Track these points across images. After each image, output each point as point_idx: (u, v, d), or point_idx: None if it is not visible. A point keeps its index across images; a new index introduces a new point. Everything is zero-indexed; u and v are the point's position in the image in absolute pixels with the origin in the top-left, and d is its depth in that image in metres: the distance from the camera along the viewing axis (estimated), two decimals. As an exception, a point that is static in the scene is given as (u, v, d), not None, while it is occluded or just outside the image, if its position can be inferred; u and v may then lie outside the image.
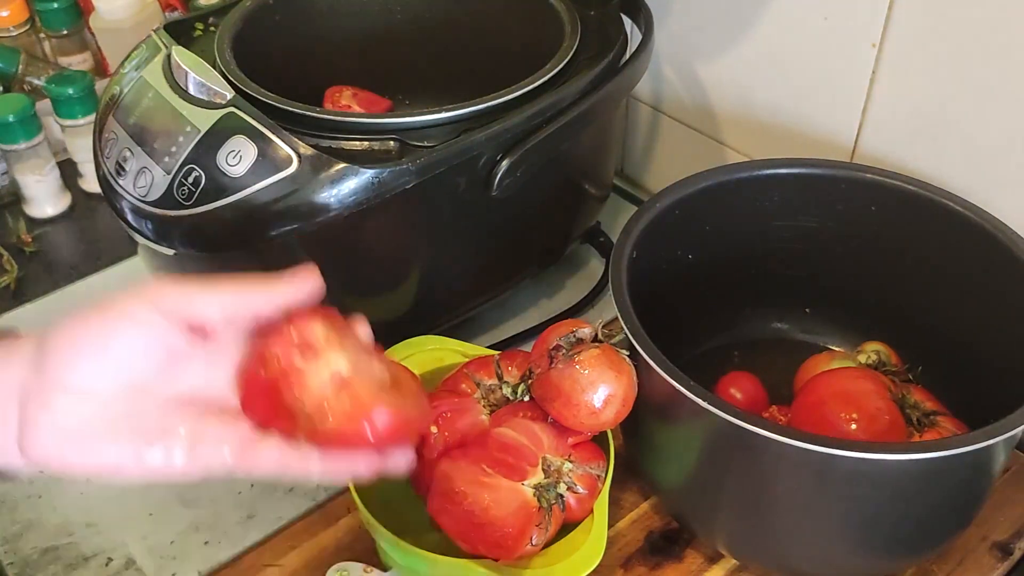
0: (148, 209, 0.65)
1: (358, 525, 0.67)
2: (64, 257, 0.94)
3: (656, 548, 0.66)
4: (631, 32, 0.79)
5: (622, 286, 0.60)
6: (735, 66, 0.84)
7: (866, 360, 0.68)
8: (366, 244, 0.68)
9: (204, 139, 0.64)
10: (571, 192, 0.80)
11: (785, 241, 0.72)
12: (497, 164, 0.66)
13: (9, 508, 0.69)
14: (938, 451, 0.51)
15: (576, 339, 0.61)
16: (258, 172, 0.62)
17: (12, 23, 1.07)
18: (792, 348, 0.75)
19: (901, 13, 0.69)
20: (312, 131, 0.65)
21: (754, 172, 0.70)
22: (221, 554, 0.66)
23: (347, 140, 0.65)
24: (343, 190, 0.62)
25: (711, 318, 0.75)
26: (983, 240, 0.63)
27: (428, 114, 0.66)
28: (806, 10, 0.76)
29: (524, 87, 0.68)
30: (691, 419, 0.57)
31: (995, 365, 0.63)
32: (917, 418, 0.61)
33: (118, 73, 0.73)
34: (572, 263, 0.89)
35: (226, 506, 0.69)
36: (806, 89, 0.79)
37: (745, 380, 0.70)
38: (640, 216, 0.65)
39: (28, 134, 0.94)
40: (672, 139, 0.95)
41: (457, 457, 0.59)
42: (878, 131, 0.75)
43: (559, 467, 0.59)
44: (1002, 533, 0.66)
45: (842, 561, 0.60)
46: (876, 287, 0.72)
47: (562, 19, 0.76)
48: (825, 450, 0.50)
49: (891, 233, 0.69)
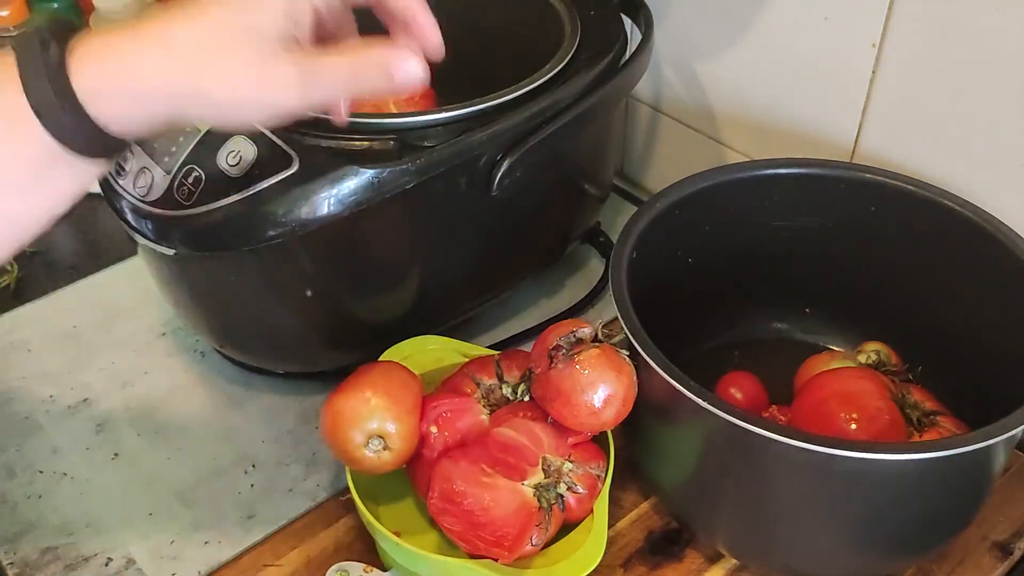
0: (148, 209, 0.65)
1: (358, 525, 0.67)
2: (64, 257, 0.94)
3: (656, 548, 0.66)
4: (631, 32, 0.79)
5: (622, 286, 0.60)
6: (735, 66, 0.84)
7: (866, 360, 0.68)
8: (366, 244, 0.68)
9: (204, 139, 0.64)
10: (571, 192, 0.80)
11: (785, 241, 0.72)
12: (497, 164, 0.66)
13: (9, 508, 0.69)
14: (938, 451, 0.51)
15: (576, 339, 0.61)
16: (258, 172, 0.62)
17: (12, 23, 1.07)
18: (792, 348, 0.75)
19: (901, 13, 0.69)
20: (312, 131, 0.65)
21: (754, 172, 0.70)
22: (221, 554, 0.66)
23: (347, 140, 0.65)
24: (343, 190, 0.62)
25: (711, 318, 0.75)
26: (983, 240, 0.63)
27: (428, 114, 0.66)
28: (806, 10, 0.76)
29: (524, 87, 0.68)
30: (691, 419, 0.57)
31: (995, 365, 0.63)
32: (917, 418, 0.61)
33: (118, 73, 0.72)
34: (572, 263, 0.89)
35: (226, 506, 0.69)
36: (806, 89, 0.79)
37: (745, 380, 0.70)
38: (640, 216, 0.65)
39: (28, 134, 0.94)
40: (672, 139, 0.95)
41: (457, 457, 0.59)
42: (878, 131, 0.75)
43: (559, 467, 0.59)
44: (1002, 533, 0.66)
45: (842, 561, 0.60)
46: (876, 287, 0.72)
47: (562, 19, 0.76)
48: (825, 450, 0.50)
49: (891, 233, 0.69)
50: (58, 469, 0.72)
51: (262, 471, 0.72)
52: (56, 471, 0.72)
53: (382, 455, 0.59)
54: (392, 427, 0.59)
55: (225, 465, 0.72)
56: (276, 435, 0.74)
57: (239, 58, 0.46)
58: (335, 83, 0.48)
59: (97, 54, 0.46)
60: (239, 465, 0.72)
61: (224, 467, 0.72)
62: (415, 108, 0.79)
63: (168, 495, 0.70)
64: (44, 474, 0.72)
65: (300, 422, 0.75)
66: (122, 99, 0.46)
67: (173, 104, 0.47)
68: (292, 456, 0.73)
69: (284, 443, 0.74)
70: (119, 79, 0.46)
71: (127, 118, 0.46)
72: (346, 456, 0.60)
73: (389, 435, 0.59)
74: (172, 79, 0.46)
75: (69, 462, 0.72)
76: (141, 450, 0.73)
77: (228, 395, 0.77)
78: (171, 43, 0.46)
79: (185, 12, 0.47)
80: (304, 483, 0.71)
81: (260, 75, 0.46)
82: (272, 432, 0.75)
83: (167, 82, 0.46)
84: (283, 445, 0.74)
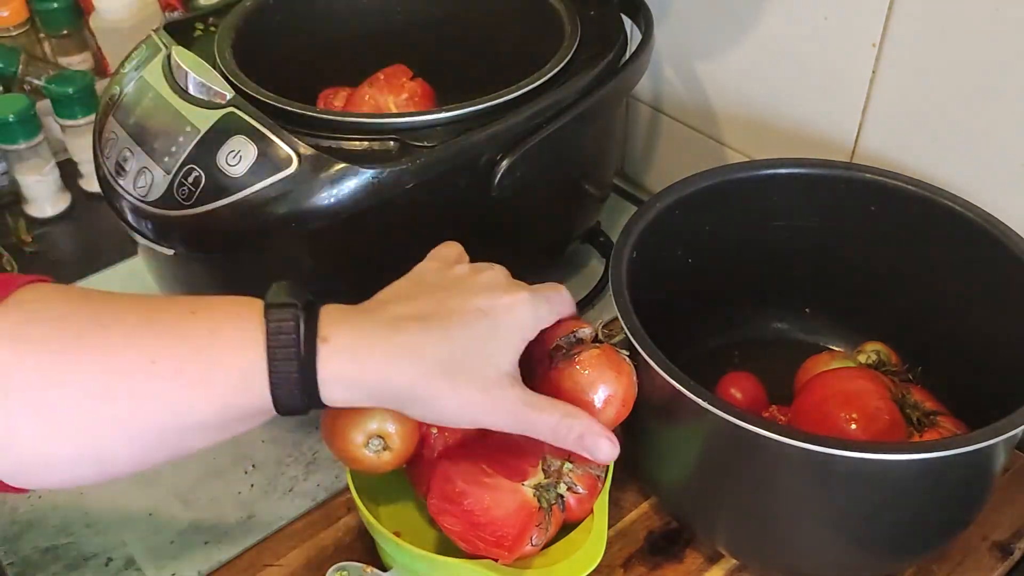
0: (148, 209, 0.65)
1: (358, 525, 0.68)
2: (64, 257, 0.94)
3: (656, 548, 0.66)
4: (631, 32, 0.79)
5: (622, 286, 0.60)
6: (735, 66, 0.84)
7: (866, 360, 0.68)
8: (366, 244, 0.68)
9: (204, 139, 0.64)
10: (571, 192, 0.80)
11: (785, 241, 0.72)
12: (497, 164, 0.66)
13: (9, 508, 0.69)
14: (938, 451, 0.51)
15: (576, 339, 0.61)
16: (258, 172, 0.62)
17: (12, 23, 1.07)
18: (792, 348, 0.75)
19: (901, 13, 0.69)
20: (312, 131, 0.65)
21: (754, 172, 0.70)
22: (221, 554, 0.66)
23: (347, 140, 0.65)
24: (343, 190, 0.62)
25: (711, 318, 0.75)
26: (983, 240, 0.63)
27: (428, 114, 0.66)
28: (806, 10, 0.76)
29: (524, 87, 0.68)
30: (691, 419, 0.57)
31: (995, 365, 0.63)
32: (917, 418, 0.61)
33: (118, 73, 0.73)
34: (572, 263, 0.89)
35: (226, 506, 0.69)
36: (806, 89, 0.79)
37: (745, 380, 0.70)
38: (640, 216, 0.65)
39: (28, 134, 0.94)
40: (672, 139, 0.95)
41: (457, 457, 0.59)
42: (878, 131, 0.75)
43: (559, 467, 0.59)
44: (1002, 533, 0.66)
45: (842, 561, 0.60)
46: (876, 287, 0.72)
47: (562, 19, 0.76)
48: (825, 450, 0.50)
49: (891, 233, 0.69)
50: (58, 469, 0.72)
51: (262, 471, 0.72)
52: (56, 471, 0.72)
53: (382, 455, 0.59)
54: (392, 427, 0.59)
55: (225, 465, 0.72)
56: (276, 435, 0.74)
57: (476, 383, 0.50)
58: (542, 431, 0.53)
59: (351, 352, 0.49)
60: (239, 465, 0.72)
61: (224, 467, 0.72)
62: (415, 108, 0.79)
63: (168, 495, 0.70)
64: (44, 474, 0.72)
65: (300, 422, 0.75)
66: (358, 392, 0.49)
67: (399, 401, 0.50)
68: (292, 456, 0.73)
69: (284, 443, 0.74)
70: (365, 378, 0.49)
71: (349, 401, 0.50)
72: (346, 456, 0.60)
73: (389, 435, 0.59)
74: (413, 387, 0.49)
75: (69, 462, 0.72)
76: (141, 450, 0.73)
77: (228, 395, 0.77)
78: (423, 358, 0.49)
79: (441, 322, 0.51)
80: (304, 483, 0.71)
81: (486, 401, 0.50)
82: (272, 432, 0.75)
83: (406, 388, 0.49)
84: (283, 445, 0.74)
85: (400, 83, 0.80)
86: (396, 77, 0.81)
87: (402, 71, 0.81)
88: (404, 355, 0.49)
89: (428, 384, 0.49)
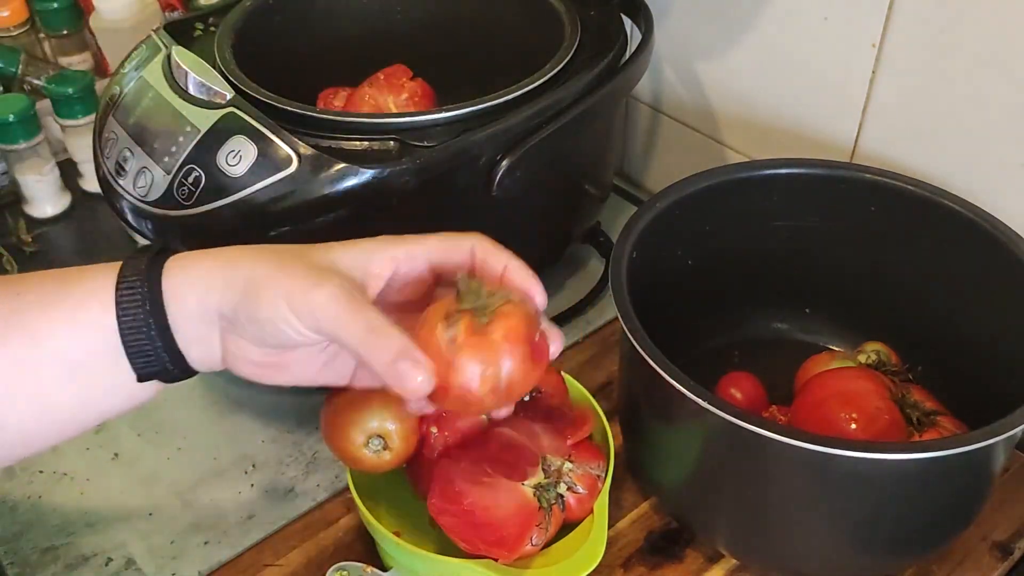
0: (148, 209, 0.65)
1: (358, 525, 0.68)
2: (64, 257, 0.94)
3: (656, 548, 0.66)
4: (631, 32, 0.79)
5: (622, 286, 0.60)
6: (735, 66, 0.84)
7: (866, 360, 0.68)
8: (366, 244, 0.68)
9: (204, 139, 0.64)
10: (571, 192, 0.80)
11: (785, 241, 0.72)
12: (497, 164, 0.66)
13: (9, 508, 0.69)
14: (938, 451, 0.51)
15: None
16: (258, 172, 0.62)
17: (12, 23, 1.07)
18: (792, 348, 0.75)
19: (901, 13, 0.69)
20: (312, 131, 0.65)
21: (754, 172, 0.70)
22: (221, 554, 0.66)
23: (347, 140, 0.65)
24: (343, 190, 0.62)
25: (711, 318, 0.75)
26: (983, 240, 0.63)
27: (428, 114, 0.66)
28: (806, 10, 0.76)
29: (524, 87, 0.68)
30: (691, 419, 0.57)
31: (995, 365, 0.63)
32: (917, 418, 0.61)
33: (118, 73, 0.73)
34: (572, 263, 0.89)
35: (226, 506, 0.69)
36: (806, 89, 0.79)
37: (745, 380, 0.70)
38: (640, 216, 0.65)
39: (28, 134, 0.94)
40: (672, 139, 0.95)
41: (457, 457, 0.59)
42: (878, 131, 0.75)
43: (559, 467, 0.59)
44: (1002, 533, 0.66)
45: (842, 561, 0.60)
46: (876, 287, 0.72)
47: (562, 19, 0.76)
48: (825, 450, 0.50)
49: (891, 233, 0.69)
50: (58, 469, 0.72)
51: (262, 471, 0.72)
52: (56, 471, 0.72)
53: (382, 455, 0.59)
54: (392, 427, 0.59)
55: (225, 465, 0.72)
56: (276, 435, 0.74)
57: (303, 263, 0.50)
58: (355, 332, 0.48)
59: (194, 257, 0.51)
60: (239, 465, 0.72)
61: (224, 467, 0.72)
62: (415, 108, 0.79)
63: (168, 495, 0.70)
64: (44, 474, 0.72)
65: (300, 422, 0.75)
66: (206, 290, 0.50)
67: (246, 297, 0.49)
68: (292, 456, 0.73)
69: (284, 443, 0.74)
70: (211, 273, 0.50)
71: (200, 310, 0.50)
72: (346, 456, 0.60)
73: (389, 435, 0.59)
74: (253, 270, 0.49)
75: (69, 462, 0.72)
76: (141, 450, 0.73)
77: (228, 395, 0.77)
78: (261, 251, 0.51)
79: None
80: (304, 483, 0.71)
81: (313, 286, 0.48)
82: (272, 432, 0.75)
83: (247, 272, 0.49)
84: (283, 445, 0.74)
85: (400, 83, 0.80)
86: (396, 77, 0.81)
87: (402, 71, 0.81)
88: (246, 251, 0.51)
89: (267, 271, 0.49)
